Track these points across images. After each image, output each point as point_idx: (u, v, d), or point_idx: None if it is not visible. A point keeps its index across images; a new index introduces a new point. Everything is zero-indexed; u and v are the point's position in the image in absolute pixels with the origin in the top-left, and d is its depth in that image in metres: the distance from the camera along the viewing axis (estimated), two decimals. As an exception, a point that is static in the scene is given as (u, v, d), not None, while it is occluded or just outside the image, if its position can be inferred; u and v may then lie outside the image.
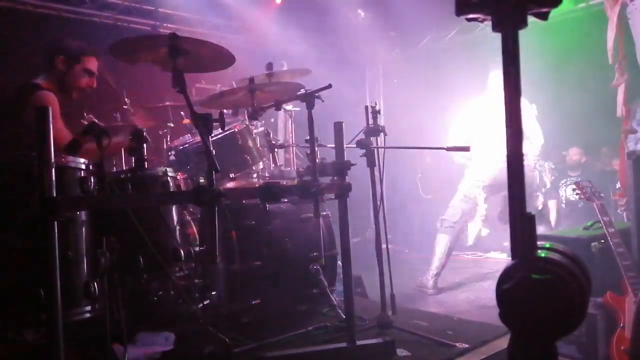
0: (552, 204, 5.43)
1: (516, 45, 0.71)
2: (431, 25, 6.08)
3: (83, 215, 1.93)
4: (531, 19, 0.76)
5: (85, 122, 2.97)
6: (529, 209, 0.70)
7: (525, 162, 4.20)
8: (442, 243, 4.18)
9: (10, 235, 1.77)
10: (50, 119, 1.58)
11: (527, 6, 0.72)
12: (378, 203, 2.70)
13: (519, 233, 0.67)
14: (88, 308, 1.87)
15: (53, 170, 1.60)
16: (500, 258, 5.44)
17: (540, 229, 4.42)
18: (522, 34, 0.75)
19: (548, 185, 5.01)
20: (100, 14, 5.02)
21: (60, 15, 4.78)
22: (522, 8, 0.71)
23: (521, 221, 0.66)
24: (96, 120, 3.04)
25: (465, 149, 2.87)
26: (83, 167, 1.93)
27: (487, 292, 3.87)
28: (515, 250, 0.68)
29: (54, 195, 1.59)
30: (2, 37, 4.24)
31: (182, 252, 2.41)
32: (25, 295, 1.71)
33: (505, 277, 0.68)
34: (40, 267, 1.58)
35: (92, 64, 2.86)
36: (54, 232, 1.57)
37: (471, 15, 0.74)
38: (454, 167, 4.62)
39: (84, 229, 1.93)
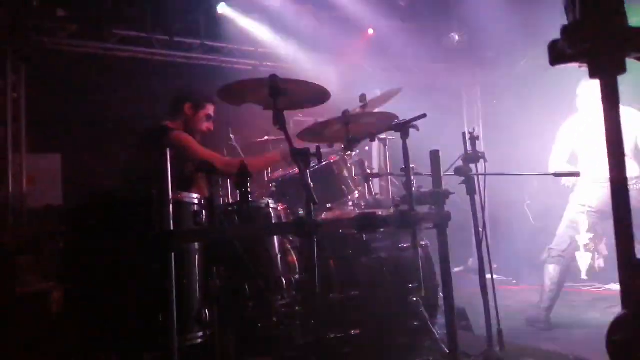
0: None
1: (616, 91, 0.67)
2: (530, 43, 5.81)
3: (196, 245, 2.09)
4: None
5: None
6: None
7: (638, 187, 3.67)
8: (551, 274, 3.87)
9: (134, 265, 1.97)
10: (168, 160, 1.76)
11: (626, 52, 0.67)
12: (480, 231, 2.60)
13: (628, 281, 0.61)
14: (200, 334, 2.00)
15: (170, 205, 1.76)
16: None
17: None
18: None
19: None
20: (208, 57, 5.48)
21: (172, 61, 5.29)
22: (620, 54, 0.67)
23: (630, 268, 0.61)
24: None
25: (575, 174, 2.69)
26: (196, 201, 2.10)
27: (604, 329, 3.50)
28: (625, 299, 0.62)
29: (171, 228, 1.75)
30: (114, 84, 4.77)
31: (284, 280, 2.50)
32: (146, 320, 1.88)
33: (616, 328, 0.62)
34: (159, 295, 1.73)
35: (212, 109, 3.20)
36: (172, 262, 1.72)
37: (566, 65, 0.71)
38: (565, 191, 4.30)
39: (196, 258, 2.08)
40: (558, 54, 0.69)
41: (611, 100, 0.67)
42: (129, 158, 3.11)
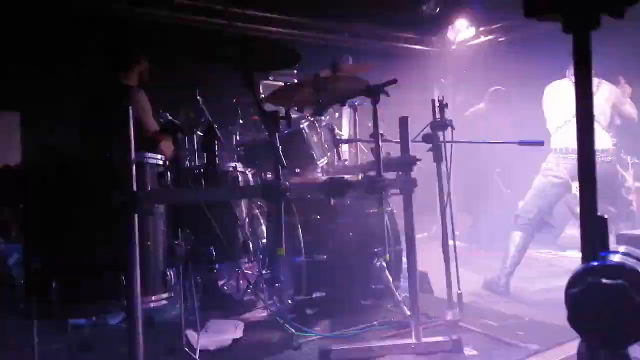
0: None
1: (588, 48, 0.66)
2: (505, 12, 5.83)
3: (160, 208, 2.06)
4: None
5: (161, 120, 3.13)
6: (616, 208, 0.67)
7: (609, 158, 3.80)
8: (516, 240, 3.97)
9: (95, 227, 1.92)
10: (131, 119, 1.70)
11: (600, 6, 0.66)
12: (445, 199, 2.65)
13: (590, 236, 0.64)
14: (164, 295, 1.99)
15: (134, 166, 1.71)
16: (577, 257, 5.14)
17: (622, 227, 4.09)
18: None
19: (630, 182, 4.65)
20: (176, 15, 5.25)
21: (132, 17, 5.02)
22: (594, 8, 0.66)
23: (592, 223, 0.63)
24: (172, 118, 3.20)
25: (539, 143, 2.74)
26: (160, 162, 2.06)
27: (561, 293, 3.66)
28: (585, 254, 0.65)
29: (135, 189, 1.71)
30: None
31: (250, 244, 2.51)
32: (109, 283, 1.85)
33: (574, 281, 0.65)
34: (122, 257, 1.71)
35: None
36: (135, 223, 1.69)
37: (540, 17, 0.70)
38: (531, 161, 4.39)
39: (161, 221, 2.05)
40: (532, 5, 0.68)
41: (583, 59, 0.67)
42: (84, 116, 2.93)
